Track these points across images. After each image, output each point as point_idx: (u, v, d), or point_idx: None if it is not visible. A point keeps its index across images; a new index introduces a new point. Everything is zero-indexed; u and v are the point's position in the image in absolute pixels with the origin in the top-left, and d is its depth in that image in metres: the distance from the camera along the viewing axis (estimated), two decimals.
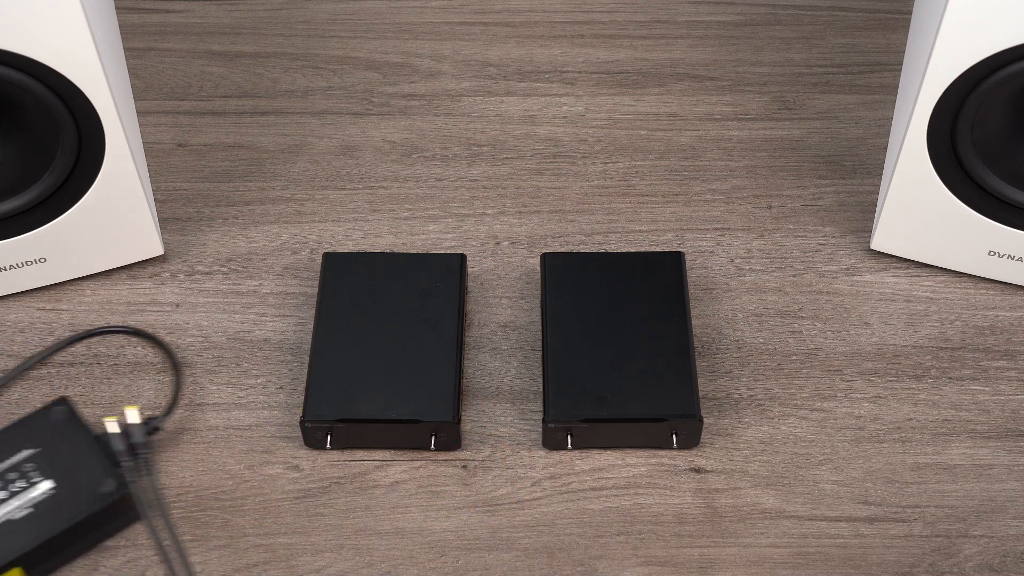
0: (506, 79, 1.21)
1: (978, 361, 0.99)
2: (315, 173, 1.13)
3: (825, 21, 1.26)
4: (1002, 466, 0.93)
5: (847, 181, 1.12)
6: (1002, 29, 0.87)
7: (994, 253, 1.00)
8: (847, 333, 1.01)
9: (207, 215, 1.09)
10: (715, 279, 1.04)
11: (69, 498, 0.86)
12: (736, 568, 0.87)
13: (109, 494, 0.86)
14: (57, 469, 0.88)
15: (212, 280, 1.05)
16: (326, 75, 1.21)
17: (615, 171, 1.13)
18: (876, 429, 0.95)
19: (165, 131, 1.16)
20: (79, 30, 0.87)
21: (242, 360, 0.99)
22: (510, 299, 1.03)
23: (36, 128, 0.93)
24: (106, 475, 0.87)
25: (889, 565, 0.87)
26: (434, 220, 1.09)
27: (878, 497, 0.91)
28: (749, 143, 1.15)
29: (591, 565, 0.88)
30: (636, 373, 0.93)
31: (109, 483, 0.87)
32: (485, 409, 0.96)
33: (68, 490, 0.86)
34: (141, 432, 0.90)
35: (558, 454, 0.93)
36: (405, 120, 1.17)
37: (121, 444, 0.89)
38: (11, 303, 1.03)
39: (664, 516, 0.90)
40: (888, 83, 1.19)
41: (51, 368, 0.99)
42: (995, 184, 0.95)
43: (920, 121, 0.93)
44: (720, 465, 0.93)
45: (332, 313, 0.97)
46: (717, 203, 1.10)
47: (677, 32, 1.25)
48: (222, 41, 1.24)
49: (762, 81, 1.20)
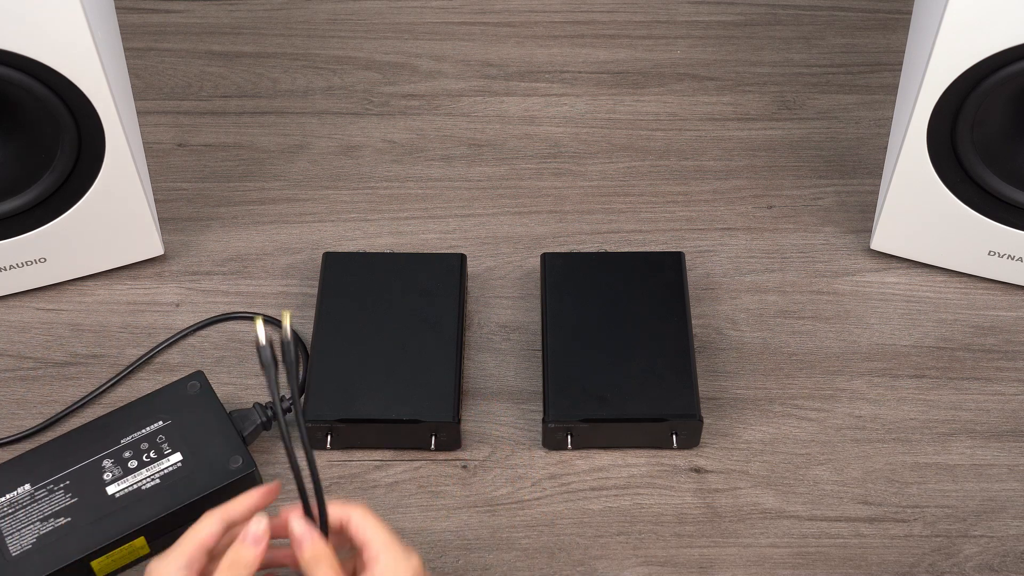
0: (506, 79, 1.21)
1: (978, 361, 0.99)
2: (315, 173, 1.13)
3: (825, 21, 1.26)
4: (1002, 466, 0.93)
5: (847, 181, 1.12)
6: (1002, 29, 0.87)
7: (994, 253, 1.00)
8: (847, 333, 1.01)
9: (207, 215, 1.09)
10: (715, 279, 1.04)
11: (197, 471, 0.87)
12: (736, 568, 0.87)
13: (237, 470, 0.87)
14: (187, 442, 0.89)
15: (212, 280, 1.05)
16: (326, 75, 1.21)
17: (615, 171, 1.13)
18: (876, 429, 0.95)
19: (165, 131, 1.16)
20: (79, 30, 0.87)
21: (242, 360, 0.99)
22: (510, 299, 1.03)
23: (36, 128, 0.93)
24: (235, 451, 0.88)
25: (889, 565, 0.87)
26: (434, 220, 1.09)
27: (878, 497, 0.91)
28: (749, 143, 1.15)
29: (591, 565, 0.88)
30: (636, 373, 0.93)
31: (237, 459, 0.88)
32: (485, 409, 0.96)
33: (196, 463, 0.88)
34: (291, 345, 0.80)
35: (558, 454, 0.93)
36: (405, 120, 1.17)
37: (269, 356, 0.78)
38: (11, 303, 1.03)
39: (664, 516, 0.90)
40: (888, 83, 1.19)
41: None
42: (995, 184, 0.95)
43: (920, 121, 0.93)
44: (720, 465, 0.93)
45: (332, 313, 0.97)
46: (717, 203, 1.10)
47: (677, 32, 1.25)
48: (222, 41, 1.24)
49: (762, 81, 1.20)
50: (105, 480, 0.87)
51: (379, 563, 0.74)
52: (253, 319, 0.73)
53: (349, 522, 0.75)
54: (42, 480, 0.86)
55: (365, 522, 0.75)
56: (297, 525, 0.74)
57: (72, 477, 0.87)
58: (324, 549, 0.74)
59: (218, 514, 0.75)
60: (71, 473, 0.87)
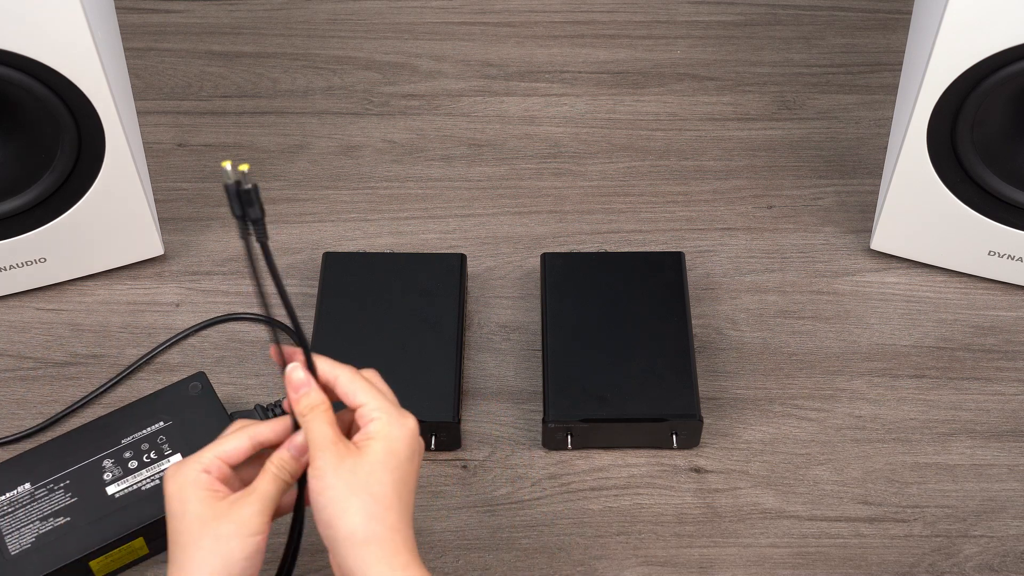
0: (506, 79, 1.21)
1: (978, 361, 0.99)
2: (315, 173, 1.13)
3: (825, 21, 1.26)
4: (1002, 466, 0.93)
5: (847, 181, 1.12)
6: (1002, 29, 0.87)
7: (994, 253, 1.00)
8: (847, 333, 1.01)
9: (207, 215, 1.09)
10: (715, 279, 1.04)
11: None
12: (736, 568, 0.87)
13: None
14: (188, 443, 0.89)
15: (212, 280, 1.05)
16: (326, 75, 1.21)
17: (615, 171, 1.13)
18: (876, 429, 0.95)
19: (165, 131, 1.16)
20: (79, 30, 0.87)
21: (242, 360, 0.99)
22: (510, 299, 1.03)
23: (36, 128, 0.93)
24: None
25: (889, 565, 0.87)
26: (434, 220, 1.09)
27: (878, 497, 0.91)
28: (749, 143, 1.15)
29: (591, 565, 0.88)
30: (636, 373, 0.93)
31: None
32: (485, 409, 0.96)
33: None
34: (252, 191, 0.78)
35: (558, 454, 0.93)
36: (405, 120, 1.17)
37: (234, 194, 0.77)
38: (11, 303, 1.03)
39: (664, 516, 0.90)
40: (888, 83, 1.19)
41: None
42: (995, 184, 0.95)
43: (920, 121, 0.93)
44: (720, 465, 0.93)
45: (332, 313, 0.97)
46: (717, 203, 1.10)
47: (677, 32, 1.25)
48: (222, 41, 1.24)
49: (762, 81, 1.20)
50: (105, 480, 0.87)
51: (375, 423, 0.72)
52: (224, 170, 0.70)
53: (336, 382, 0.74)
54: (42, 479, 0.86)
55: (354, 384, 0.74)
56: (296, 373, 0.73)
57: (72, 477, 0.87)
58: (321, 398, 0.73)
59: (248, 432, 0.74)
60: (71, 473, 0.87)
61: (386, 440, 0.72)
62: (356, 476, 0.70)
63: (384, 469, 0.71)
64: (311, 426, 0.72)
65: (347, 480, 0.70)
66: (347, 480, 0.70)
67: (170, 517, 0.72)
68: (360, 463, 0.70)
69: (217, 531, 0.70)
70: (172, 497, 0.72)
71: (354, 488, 0.70)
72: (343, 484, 0.70)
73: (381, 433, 0.72)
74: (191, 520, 0.70)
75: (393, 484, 0.71)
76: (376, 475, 0.70)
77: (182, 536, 0.70)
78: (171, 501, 0.72)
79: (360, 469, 0.70)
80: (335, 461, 0.70)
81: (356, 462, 0.70)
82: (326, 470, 0.70)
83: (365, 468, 0.70)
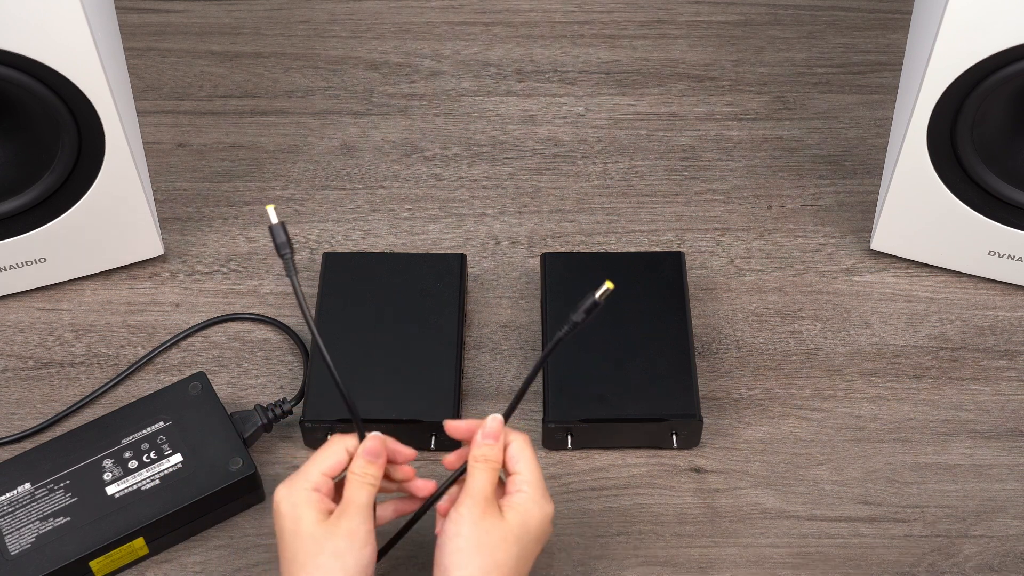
0: (506, 79, 1.21)
1: (978, 361, 0.99)
2: (315, 173, 1.13)
3: (825, 21, 1.26)
4: (1002, 466, 0.93)
5: (847, 181, 1.12)
6: (1002, 29, 0.87)
7: (994, 253, 1.00)
8: (847, 333, 1.01)
9: (207, 215, 1.09)
10: (715, 279, 1.04)
11: (197, 473, 0.87)
12: (736, 568, 0.87)
13: (237, 471, 0.87)
14: (188, 443, 0.89)
15: (212, 280, 1.05)
16: (326, 75, 1.21)
17: (615, 171, 1.13)
18: (876, 429, 0.95)
19: (165, 131, 1.16)
20: (79, 30, 0.87)
21: (242, 360, 0.99)
22: (510, 299, 1.03)
23: (36, 128, 0.93)
24: (235, 453, 0.88)
25: (889, 565, 0.87)
26: (434, 220, 1.09)
27: (878, 497, 0.91)
28: (749, 143, 1.15)
29: (591, 565, 0.88)
30: (636, 373, 0.93)
31: (237, 461, 0.88)
32: (485, 409, 0.96)
33: (196, 464, 0.88)
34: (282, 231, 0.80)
35: (558, 454, 0.93)
36: (405, 120, 1.17)
37: None
38: (11, 303, 1.03)
39: (664, 516, 0.90)
40: (888, 83, 1.19)
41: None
42: (995, 184, 0.95)
43: (920, 121, 0.93)
44: (720, 465, 0.93)
45: (332, 313, 0.97)
46: (717, 203, 1.10)
47: (677, 32, 1.25)
48: (222, 41, 1.24)
49: (762, 81, 1.20)
50: (105, 480, 0.87)
51: (521, 495, 0.76)
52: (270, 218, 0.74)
53: (509, 444, 0.78)
54: (42, 479, 0.87)
55: (523, 453, 0.78)
56: (495, 424, 0.78)
57: (72, 477, 0.87)
58: (498, 457, 0.77)
59: (344, 443, 0.78)
60: (71, 473, 0.87)
61: (525, 515, 0.76)
62: (489, 536, 0.74)
63: (514, 540, 0.75)
64: (476, 474, 0.76)
65: (479, 537, 0.74)
66: (479, 537, 0.74)
67: (284, 536, 0.74)
68: (496, 526, 0.74)
69: (335, 548, 0.73)
70: (286, 516, 0.74)
71: (482, 547, 0.73)
72: (475, 538, 0.74)
73: (523, 507, 0.76)
74: (305, 539, 0.73)
75: (516, 557, 0.74)
76: (506, 543, 0.74)
77: (299, 555, 0.73)
78: (284, 520, 0.74)
79: (495, 531, 0.74)
80: (478, 514, 0.74)
81: (493, 524, 0.74)
82: (466, 519, 0.74)
83: (499, 532, 0.74)
